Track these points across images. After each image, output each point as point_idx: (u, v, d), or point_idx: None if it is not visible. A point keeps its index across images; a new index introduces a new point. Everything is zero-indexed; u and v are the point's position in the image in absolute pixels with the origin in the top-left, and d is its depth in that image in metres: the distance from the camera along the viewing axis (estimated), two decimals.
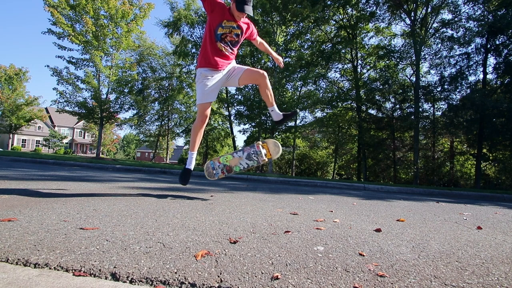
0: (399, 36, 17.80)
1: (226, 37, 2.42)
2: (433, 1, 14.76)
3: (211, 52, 2.43)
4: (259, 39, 2.76)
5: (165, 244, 1.23)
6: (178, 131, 28.06)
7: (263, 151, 2.71)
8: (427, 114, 17.57)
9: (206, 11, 2.41)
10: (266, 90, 2.64)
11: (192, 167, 2.66)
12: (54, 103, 16.35)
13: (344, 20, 18.03)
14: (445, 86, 15.79)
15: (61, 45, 15.62)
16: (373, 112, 19.36)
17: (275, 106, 2.75)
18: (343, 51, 18.14)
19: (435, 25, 15.52)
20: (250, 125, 18.57)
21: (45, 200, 2.05)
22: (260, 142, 2.79)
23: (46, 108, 40.74)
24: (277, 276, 0.97)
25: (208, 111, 2.53)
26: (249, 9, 2.29)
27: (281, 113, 2.76)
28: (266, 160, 2.71)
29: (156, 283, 0.88)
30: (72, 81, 16.09)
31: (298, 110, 2.46)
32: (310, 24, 15.77)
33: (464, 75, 15.23)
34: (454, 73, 15.44)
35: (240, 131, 31.23)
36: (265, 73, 2.59)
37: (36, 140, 43.92)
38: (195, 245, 1.24)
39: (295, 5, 14.31)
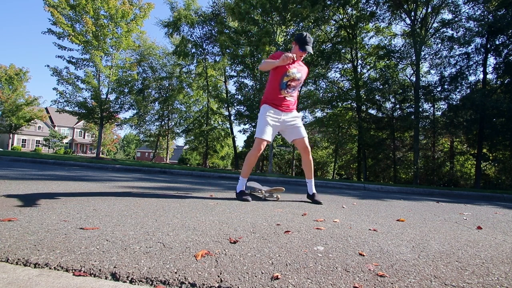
0: (399, 36, 17.78)
1: (290, 83, 2.74)
2: (433, 1, 14.74)
3: (277, 96, 2.76)
4: None
5: (165, 244, 1.23)
6: (178, 131, 28.06)
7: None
8: (427, 114, 17.55)
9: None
10: (306, 163, 2.92)
11: (243, 188, 2.86)
12: (54, 103, 16.34)
13: (344, 20, 18.01)
14: (445, 86, 15.77)
15: (61, 45, 15.63)
16: (373, 112, 19.37)
17: (312, 180, 2.95)
18: (343, 51, 18.12)
19: (435, 25, 15.50)
20: (250, 125, 18.56)
21: (45, 200, 2.05)
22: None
23: (46, 108, 40.73)
24: (277, 276, 0.97)
25: (263, 146, 2.73)
26: (309, 49, 2.66)
27: (313, 192, 2.91)
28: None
29: (156, 283, 0.88)
30: (72, 81, 16.07)
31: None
32: (310, 24, 15.76)
33: (464, 75, 15.21)
34: (454, 73, 15.42)
35: (240, 131, 31.25)
36: (309, 150, 2.89)
37: (36, 140, 43.93)
38: (195, 245, 1.24)
39: (295, 5, 14.29)
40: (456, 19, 14.56)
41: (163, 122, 29.19)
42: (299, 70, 2.76)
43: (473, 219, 2.50)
